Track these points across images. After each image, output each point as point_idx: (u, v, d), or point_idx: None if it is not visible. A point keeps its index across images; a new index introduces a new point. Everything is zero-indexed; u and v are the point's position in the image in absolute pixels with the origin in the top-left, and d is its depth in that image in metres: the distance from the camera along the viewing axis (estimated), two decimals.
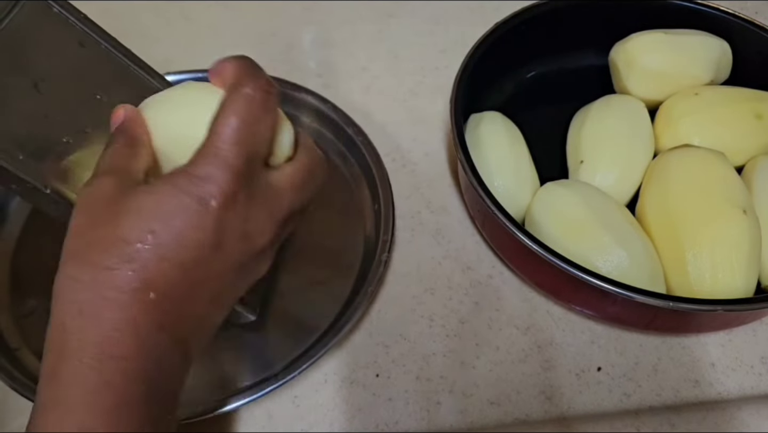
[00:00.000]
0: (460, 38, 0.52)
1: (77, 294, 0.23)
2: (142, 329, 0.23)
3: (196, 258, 0.24)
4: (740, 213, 0.40)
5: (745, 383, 0.41)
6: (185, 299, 0.24)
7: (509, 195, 0.44)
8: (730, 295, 0.39)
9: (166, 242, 0.23)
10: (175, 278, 0.23)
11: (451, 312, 0.44)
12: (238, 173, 0.24)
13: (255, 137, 0.25)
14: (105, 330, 0.22)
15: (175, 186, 0.24)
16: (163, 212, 0.23)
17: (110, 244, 0.23)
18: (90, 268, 0.23)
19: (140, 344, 0.23)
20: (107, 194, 0.24)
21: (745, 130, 0.47)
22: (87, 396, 0.22)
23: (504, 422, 0.39)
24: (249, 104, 0.25)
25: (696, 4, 0.52)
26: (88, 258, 0.23)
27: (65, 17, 0.34)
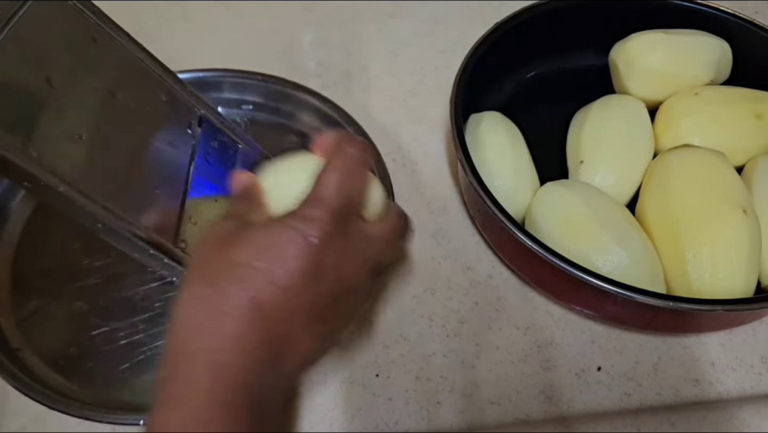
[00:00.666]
0: (460, 38, 0.52)
1: (196, 309, 0.27)
2: (249, 341, 0.26)
3: (297, 284, 0.27)
4: (740, 213, 0.40)
5: (745, 383, 0.41)
6: (287, 320, 0.27)
7: (509, 195, 0.44)
8: (730, 295, 0.39)
9: (273, 268, 0.27)
10: (278, 300, 0.27)
11: (451, 312, 0.44)
12: (338, 216, 0.28)
13: (352, 187, 0.29)
14: (219, 341, 0.26)
15: (284, 223, 0.28)
16: (272, 243, 0.27)
17: (225, 266, 0.27)
18: (206, 287, 0.27)
19: (246, 356, 0.26)
20: (226, 230, 0.29)
21: (745, 131, 0.47)
22: (202, 394, 0.25)
23: (504, 422, 0.39)
24: (348, 160, 0.30)
25: (696, 4, 0.52)
26: (206, 278, 0.27)
27: (79, 10, 0.34)
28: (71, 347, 0.42)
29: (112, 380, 0.41)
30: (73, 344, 0.42)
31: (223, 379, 0.25)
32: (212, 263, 0.28)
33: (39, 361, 0.41)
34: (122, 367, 0.41)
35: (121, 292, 0.44)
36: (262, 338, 0.26)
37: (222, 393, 0.25)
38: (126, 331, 0.42)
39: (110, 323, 0.43)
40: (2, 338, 0.42)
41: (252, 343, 0.26)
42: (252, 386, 0.26)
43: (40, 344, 0.42)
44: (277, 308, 0.27)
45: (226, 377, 0.25)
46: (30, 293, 0.44)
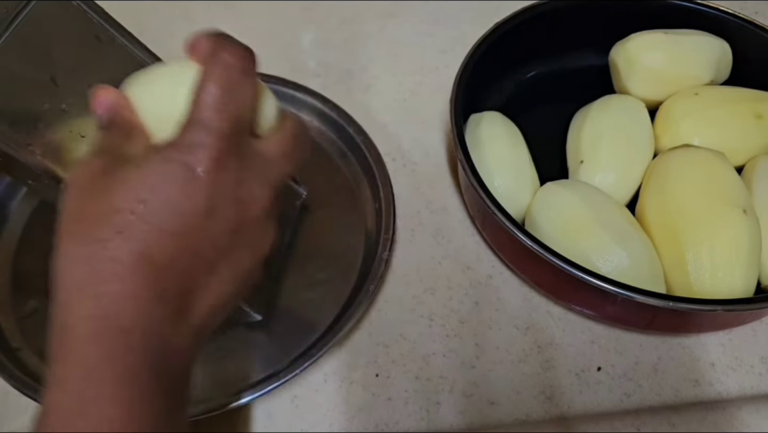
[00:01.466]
0: (460, 38, 0.52)
1: (74, 271, 0.23)
2: (141, 301, 0.23)
3: (189, 225, 0.24)
4: (740, 213, 0.40)
5: (745, 383, 0.41)
6: (184, 269, 0.24)
7: (509, 195, 0.44)
8: (729, 295, 0.39)
9: (158, 211, 0.23)
10: (170, 247, 0.23)
11: (451, 312, 0.44)
12: (225, 138, 0.24)
13: (237, 103, 0.25)
14: (103, 304, 0.22)
15: (162, 156, 0.24)
16: (152, 182, 0.23)
17: (101, 216, 0.23)
18: (84, 243, 0.23)
19: (140, 316, 0.22)
20: (96, 172, 0.24)
21: (744, 131, 0.47)
22: (88, 370, 0.22)
23: (504, 422, 0.39)
24: (227, 71, 0.25)
25: (696, 4, 0.52)
26: (81, 233, 0.23)
27: (83, 11, 0.34)
28: None
29: None
30: None
31: (112, 348, 0.22)
32: (86, 213, 0.24)
33: (39, 361, 0.41)
34: None
35: None
36: (157, 295, 0.23)
37: (112, 367, 0.22)
38: None
39: None
40: (2, 338, 0.42)
41: (145, 302, 0.23)
42: (154, 350, 0.23)
43: (40, 343, 0.42)
44: (169, 257, 0.23)
45: (116, 346, 0.22)
46: (30, 293, 0.44)
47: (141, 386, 0.22)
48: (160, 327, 0.23)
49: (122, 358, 0.22)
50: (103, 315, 0.22)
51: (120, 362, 0.22)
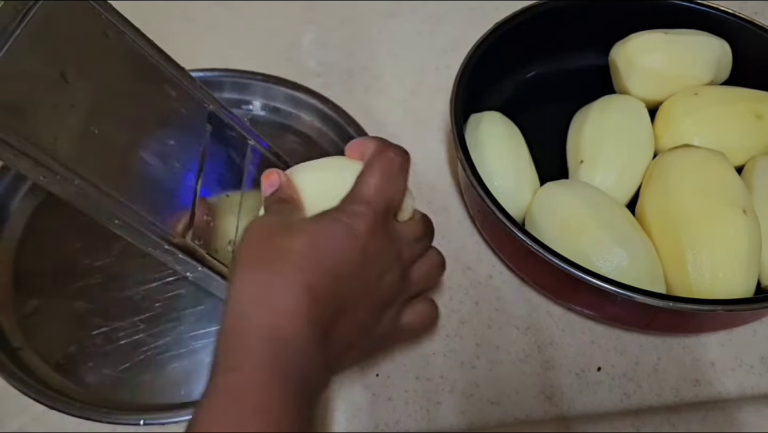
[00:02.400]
0: (460, 38, 0.52)
1: (251, 290, 0.29)
2: (300, 320, 0.28)
3: (345, 273, 0.29)
4: (740, 213, 0.40)
5: (745, 383, 0.41)
6: (333, 304, 0.29)
7: (509, 195, 0.44)
8: (730, 295, 0.39)
9: (325, 256, 0.29)
10: (328, 285, 0.29)
11: (451, 312, 0.44)
12: (379, 214, 0.31)
13: (393, 190, 0.32)
14: (275, 317, 0.28)
15: (332, 216, 0.30)
16: (323, 233, 0.30)
17: (281, 254, 0.29)
18: (263, 271, 0.29)
19: (297, 332, 0.28)
20: (274, 223, 0.31)
21: (744, 130, 0.47)
22: (263, 362, 0.27)
23: (504, 422, 0.39)
24: (390, 164, 0.32)
25: (696, 4, 0.52)
26: (261, 264, 0.29)
27: (91, 7, 0.34)
28: (71, 346, 0.42)
29: (113, 379, 0.41)
30: (73, 343, 0.42)
31: (280, 350, 0.27)
32: (266, 251, 0.30)
33: (39, 360, 0.41)
34: (123, 367, 0.41)
35: (122, 292, 0.44)
36: (313, 318, 0.28)
37: (277, 364, 0.27)
38: (126, 331, 0.42)
39: (111, 322, 0.43)
40: (3, 338, 0.42)
41: (304, 321, 0.28)
42: (301, 360, 0.28)
43: (41, 343, 0.42)
44: (326, 292, 0.29)
45: (281, 349, 0.27)
46: (31, 293, 0.44)
47: (291, 386, 0.27)
48: (309, 344, 0.28)
49: (283, 359, 0.27)
50: (274, 324, 0.28)
51: (281, 362, 0.27)
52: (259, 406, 0.26)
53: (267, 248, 0.30)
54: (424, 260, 0.35)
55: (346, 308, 0.30)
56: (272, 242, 0.30)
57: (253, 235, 0.31)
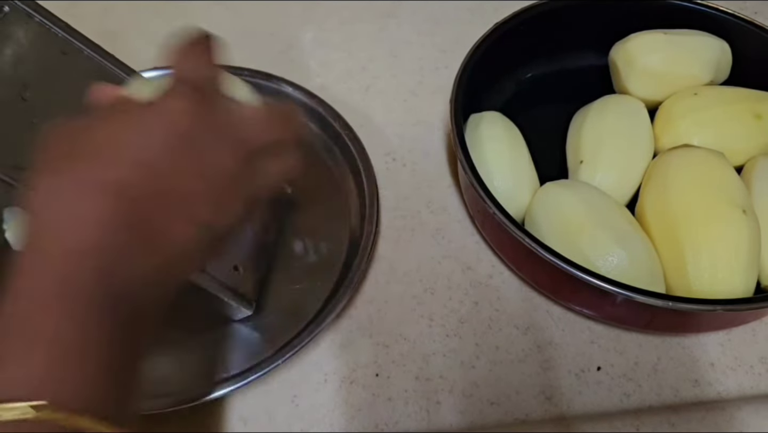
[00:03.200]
0: (460, 38, 0.52)
1: (50, 200, 0.24)
2: (106, 226, 0.23)
3: (162, 161, 0.25)
4: (740, 213, 0.40)
5: (745, 383, 0.41)
6: (150, 201, 0.25)
7: (509, 195, 0.44)
8: (729, 294, 0.39)
9: (135, 143, 0.25)
10: (141, 179, 0.24)
11: (451, 312, 0.44)
12: (197, 89, 0.27)
13: (203, 66, 0.28)
14: (74, 228, 0.23)
15: (141, 104, 0.26)
16: (133, 119, 0.26)
17: (79, 150, 0.25)
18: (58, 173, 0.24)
19: (105, 240, 0.23)
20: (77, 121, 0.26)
21: (744, 131, 0.47)
22: (48, 283, 0.22)
23: (504, 422, 0.39)
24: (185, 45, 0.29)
25: (696, 4, 0.52)
26: (59, 167, 0.24)
27: (47, 27, 0.35)
28: None
29: None
30: None
31: (73, 263, 0.23)
32: (62, 150, 0.25)
33: None
34: None
35: None
36: (125, 222, 0.24)
37: (74, 282, 0.22)
38: None
39: None
40: None
41: (112, 226, 0.23)
42: (115, 274, 0.23)
43: None
44: (140, 188, 0.24)
45: (77, 263, 0.23)
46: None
47: (93, 305, 0.22)
48: (125, 252, 0.24)
49: (81, 275, 0.22)
50: (72, 237, 0.23)
51: (78, 280, 0.22)
52: (36, 335, 0.21)
53: (64, 148, 0.25)
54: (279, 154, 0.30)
55: (173, 201, 0.25)
56: (71, 140, 0.25)
57: (51, 136, 0.26)
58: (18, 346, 0.21)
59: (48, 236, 0.23)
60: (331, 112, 0.52)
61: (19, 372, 0.21)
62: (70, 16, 0.38)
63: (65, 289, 0.22)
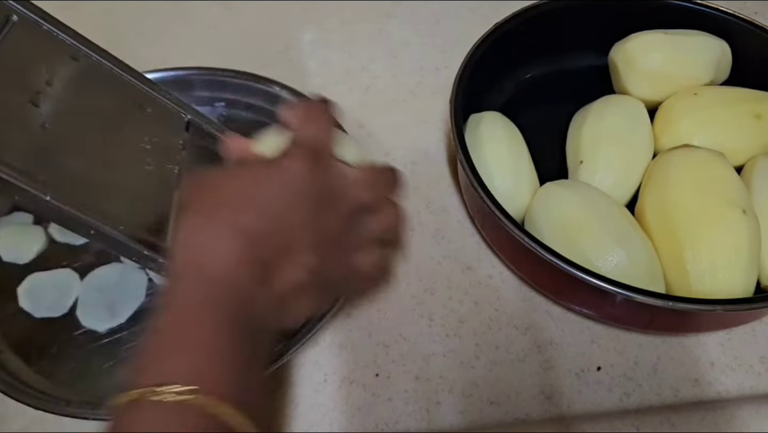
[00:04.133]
0: (460, 38, 0.52)
1: (191, 236, 0.29)
2: (236, 260, 0.29)
3: (280, 213, 0.30)
4: (739, 213, 0.40)
5: (745, 383, 0.41)
6: (270, 245, 0.29)
7: (509, 195, 0.44)
8: (729, 294, 0.39)
9: (259, 198, 0.30)
10: (264, 226, 0.29)
11: (451, 312, 0.44)
12: (313, 151, 0.31)
13: (315, 129, 0.33)
14: (212, 257, 0.28)
15: (264, 161, 0.32)
16: (256, 176, 0.31)
17: (218, 199, 0.30)
18: (202, 217, 0.30)
19: (231, 271, 0.28)
20: (214, 173, 0.32)
21: (744, 131, 0.47)
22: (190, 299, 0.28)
23: (504, 422, 0.39)
24: (307, 110, 0.34)
25: (695, 4, 0.52)
26: (201, 211, 0.30)
27: (56, 34, 0.36)
28: (53, 347, 0.42)
29: (97, 377, 0.41)
30: (54, 344, 0.42)
31: (212, 289, 0.28)
32: (205, 198, 0.30)
33: (20, 362, 0.41)
34: (106, 365, 0.41)
35: None
36: (249, 258, 0.29)
37: (210, 300, 0.27)
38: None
39: None
40: None
41: (240, 261, 0.28)
42: (237, 300, 0.28)
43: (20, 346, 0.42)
44: (262, 233, 0.29)
45: (215, 288, 0.28)
46: (11, 295, 0.44)
47: (227, 320, 0.27)
48: (246, 286, 0.28)
49: (217, 297, 0.28)
50: (210, 264, 0.28)
51: (213, 300, 0.27)
52: (189, 340, 0.26)
53: (206, 196, 0.31)
54: (381, 211, 0.34)
55: (288, 248, 0.30)
56: (211, 190, 0.31)
57: (195, 185, 0.32)
58: (173, 348, 0.26)
59: (193, 265, 0.29)
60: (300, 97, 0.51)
61: (175, 367, 0.26)
62: (71, 16, 0.38)
63: (210, 307, 0.27)
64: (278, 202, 0.30)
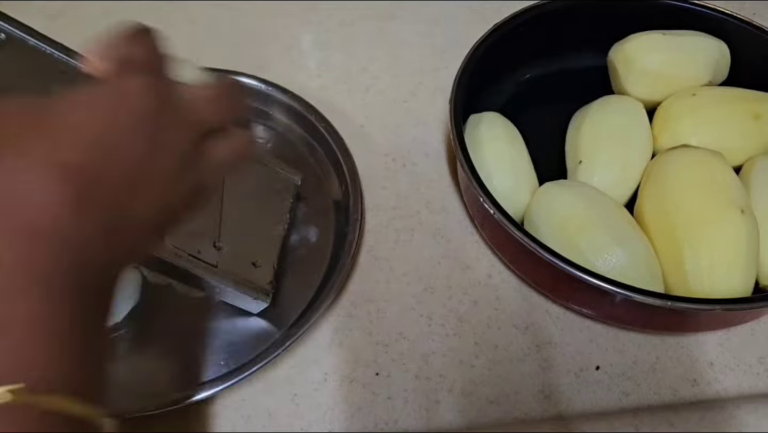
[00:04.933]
0: (460, 38, 0.52)
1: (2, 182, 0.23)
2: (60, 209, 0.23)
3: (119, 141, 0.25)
4: (738, 213, 0.40)
5: (743, 383, 0.41)
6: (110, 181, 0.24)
7: (508, 195, 0.44)
8: (728, 294, 0.39)
9: (89, 125, 0.24)
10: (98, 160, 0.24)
11: (450, 311, 0.44)
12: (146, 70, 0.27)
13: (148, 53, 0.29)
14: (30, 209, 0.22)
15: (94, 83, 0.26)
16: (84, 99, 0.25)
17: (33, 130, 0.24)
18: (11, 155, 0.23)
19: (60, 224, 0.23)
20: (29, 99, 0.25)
21: (742, 130, 0.47)
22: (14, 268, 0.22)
23: (503, 421, 0.40)
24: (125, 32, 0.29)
25: (694, 5, 0.52)
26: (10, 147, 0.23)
27: (43, 50, 0.36)
28: None
29: None
30: None
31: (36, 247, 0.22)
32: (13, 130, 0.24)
33: None
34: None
35: None
36: (85, 203, 0.23)
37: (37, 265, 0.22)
38: None
39: None
40: None
41: (73, 207, 0.23)
42: (78, 254, 0.23)
43: None
44: (99, 169, 0.24)
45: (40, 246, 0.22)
46: None
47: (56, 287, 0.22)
48: (84, 231, 0.23)
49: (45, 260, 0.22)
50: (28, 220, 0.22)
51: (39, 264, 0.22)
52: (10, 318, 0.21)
53: (15, 127, 0.24)
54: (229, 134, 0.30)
55: (133, 180, 0.25)
56: (23, 120, 0.24)
57: (4, 112, 0.24)
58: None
59: (6, 218, 0.22)
60: (306, 106, 0.52)
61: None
62: (70, 17, 0.38)
63: (35, 271, 0.22)
64: (113, 128, 0.25)
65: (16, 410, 0.19)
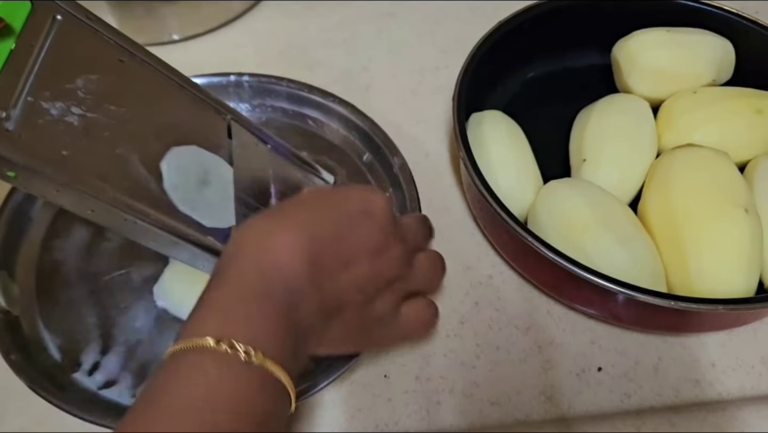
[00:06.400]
0: (460, 38, 0.52)
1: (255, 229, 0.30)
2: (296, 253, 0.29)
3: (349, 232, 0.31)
4: (742, 212, 0.40)
5: (746, 383, 0.41)
6: (333, 255, 0.30)
7: (511, 194, 0.44)
8: (731, 294, 0.39)
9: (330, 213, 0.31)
10: (330, 236, 0.30)
11: (452, 312, 0.44)
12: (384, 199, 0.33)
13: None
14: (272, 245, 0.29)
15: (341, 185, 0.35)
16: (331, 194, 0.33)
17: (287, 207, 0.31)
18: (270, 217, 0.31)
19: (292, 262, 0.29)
20: None
21: (745, 126, 0.47)
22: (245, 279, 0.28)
23: (504, 423, 0.39)
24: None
25: (699, 3, 0.52)
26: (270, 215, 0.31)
27: (101, 34, 0.35)
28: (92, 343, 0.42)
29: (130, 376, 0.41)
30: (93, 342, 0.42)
31: (269, 273, 0.28)
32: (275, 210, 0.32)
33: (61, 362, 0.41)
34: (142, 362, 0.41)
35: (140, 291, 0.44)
36: (309, 257, 0.29)
37: (265, 283, 0.28)
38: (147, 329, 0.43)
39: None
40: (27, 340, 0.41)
41: (300, 255, 0.28)
42: (292, 292, 0.28)
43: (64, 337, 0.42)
44: (326, 241, 0.30)
45: (272, 273, 0.28)
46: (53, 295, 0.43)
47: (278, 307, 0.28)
48: (302, 279, 0.28)
49: (272, 283, 0.28)
50: (267, 250, 0.28)
51: (269, 284, 0.28)
52: (239, 317, 0.27)
53: (277, 209, 0.32)
54: (427, 255, 0.35)
55: (346, 264, 0.30)
56: (282, 205, 0.32)
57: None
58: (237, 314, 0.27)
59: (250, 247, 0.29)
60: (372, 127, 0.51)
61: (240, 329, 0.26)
62: None
63: (273, 290, 0.28)
64: (351, 218, 0.31)
65: (252, 366, 0.26)
